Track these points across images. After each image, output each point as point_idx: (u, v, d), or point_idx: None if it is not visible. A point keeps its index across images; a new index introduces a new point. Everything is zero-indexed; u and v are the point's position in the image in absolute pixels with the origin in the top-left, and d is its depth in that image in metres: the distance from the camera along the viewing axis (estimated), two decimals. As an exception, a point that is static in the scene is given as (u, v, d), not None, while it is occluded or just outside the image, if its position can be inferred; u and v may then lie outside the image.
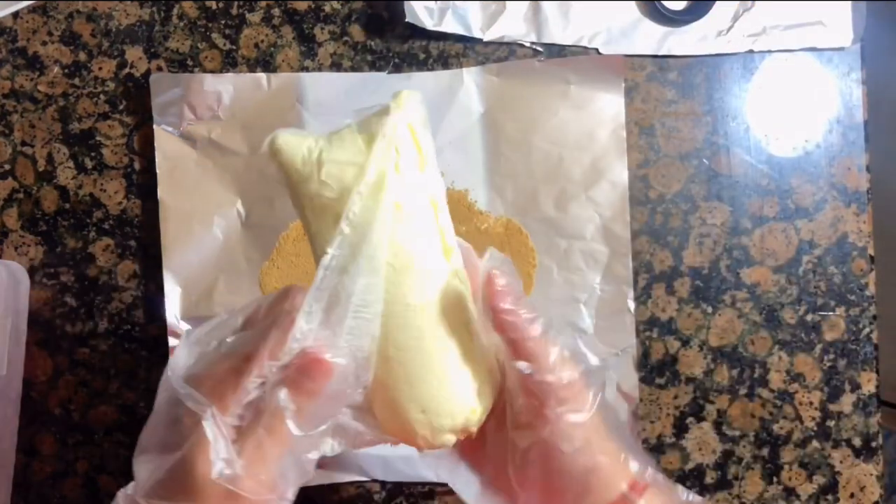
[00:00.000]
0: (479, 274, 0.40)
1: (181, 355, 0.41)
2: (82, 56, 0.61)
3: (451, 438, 0.41)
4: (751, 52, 0.61)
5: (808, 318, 0.62)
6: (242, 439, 0.38)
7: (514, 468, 0.42)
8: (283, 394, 0.38)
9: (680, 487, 0.42)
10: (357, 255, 0.38)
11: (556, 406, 0.39)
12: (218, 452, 0.37)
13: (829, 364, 0.62)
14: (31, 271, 0.60)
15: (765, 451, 0.62)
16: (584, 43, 0.61)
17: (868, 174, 0.62)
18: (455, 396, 0.40)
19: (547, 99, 0.61)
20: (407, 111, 0.39)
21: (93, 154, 0.61)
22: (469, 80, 0.61)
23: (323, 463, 0.59)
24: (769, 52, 0.62)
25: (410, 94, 0.39)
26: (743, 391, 0.61)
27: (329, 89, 0.60)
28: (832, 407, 0.62)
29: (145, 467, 0.39)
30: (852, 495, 0.62)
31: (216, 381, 0.39)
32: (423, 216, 0.40)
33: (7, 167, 0.61)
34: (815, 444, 0.62)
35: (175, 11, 0.61)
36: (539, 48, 0.61)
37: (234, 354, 0.39)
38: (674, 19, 0.61)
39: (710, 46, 0.61)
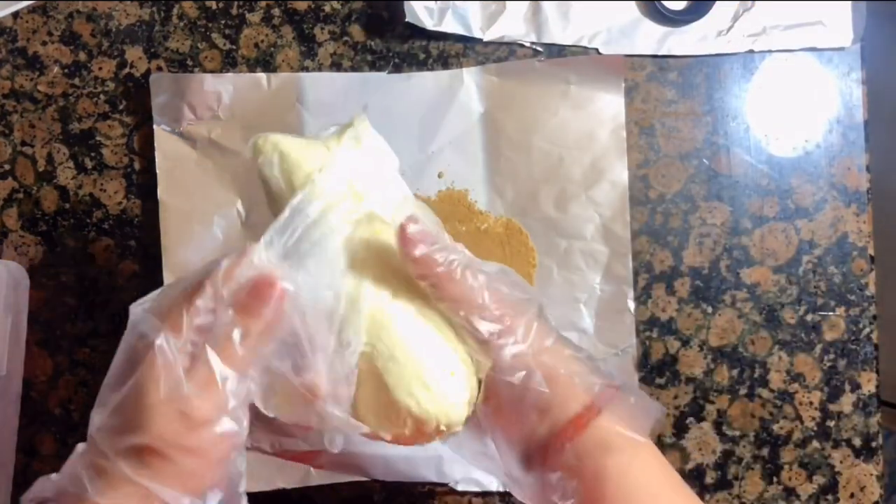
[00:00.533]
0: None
1: (146, 299, 0.41)
2: (82, 56, 0.61)
3: (466, 411, 0.42)
4: (751, 52, 0.61)
5: (808, 318, 0.62)
6: (194, 364, 0.38)
7: (481, 420, 0.42)
8: (230, 312, 0.39)
9: (650, 401, 0.43)
10: (327, 211, 0.40)
11: (494, 340, 0.40)
12: (169, 373, 0.38)
13: (829, 364, 0.62)
14: (31, 271, 0.60)
15: (765, 451, 0.62)
16: (584, 43, 0.61)
17: (868, 174, 0.62)
18: (464, 359, 0.41)
19: (547, 99, 0.61)
20: (365, 124, 0.44)
21: (93, 154, 0.61)
22: (469, 80, 0.61)
23: (323, 463, 0.59)
24: (769, 52, 0.62)
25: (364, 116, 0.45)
26: (743, 391, 0.61)
27: (329, 89, 0.60)
28: (832, 407, 0.62)
29: (99, 410, 0.39)
30: (852, 495, 0.62)
31: (170, 306, 0.39)
32: (393, 190, 0.44)
33: (7, 167, 0.61)
34: (815, 444, 0.62)
35: (175, 11, 0.61)
36: (539, 48, 0.61)
37: (188, 281, 0.40)
38: (674, 19, 0.61)
39: (710, 46, 0.61)
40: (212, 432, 0.39)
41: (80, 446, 0.39)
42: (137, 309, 0.40)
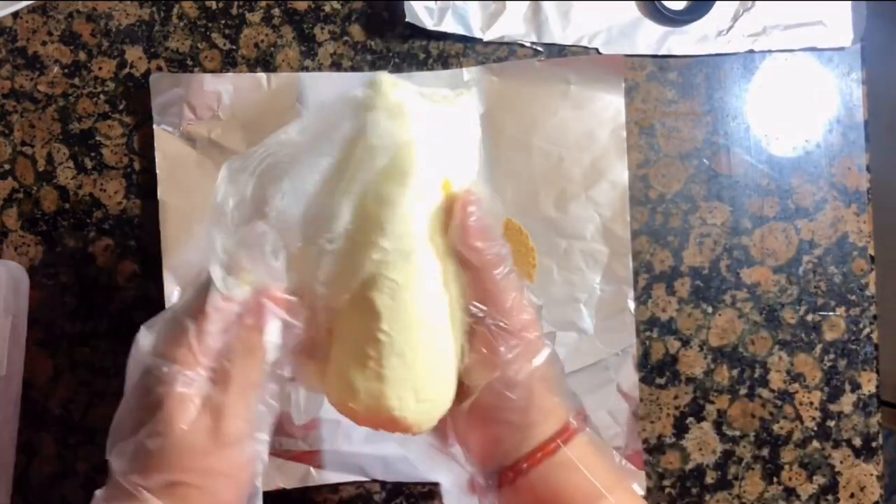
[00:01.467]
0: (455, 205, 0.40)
1: (144, 336, 0.40)
2: (82, 56, 0.61)
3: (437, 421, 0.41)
4: (751, 52, 0.61)
5: (808, 318, 0.62)
6: (215, 389, 0.38)
7: (453, 422, 0.42)
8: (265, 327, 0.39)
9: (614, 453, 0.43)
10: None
11: (506, 353, 0.39)
12: (191, 406, 0.37)
13: (829, 364, 0.62)
14: (31, 271, 0.60)
15: (765, 451, 0.62)
16: (584, 43, 0.61)
17: (868, 174, 0.62)
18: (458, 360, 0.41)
19: (547, 99, 0.61)
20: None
21: (93, 154, 0.61)
22: (469, 80, 0.61)
23: (323, 463, 0.59)
24: (769, 52, 0.62)
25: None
26: (743, 391, 0.61)
27: (329, 89, 0.60)
28: (832, 407, 0.62)
29: (120, 455, 0.39)
30: (852, 495, 0.62)
31: (177, 339, 0.39)
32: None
33: (7, 167, 0.61)
34: (815, 444, 0.62)
35: (175, 11, 0.61)
36: (539, 48, 0.61)
37: (185, 310, 0.40)
38: (674, 19, 0.61)
39: (710, 46, 0.61)
40: (241, 453, 0.39)
41: (99, 492, 0.39)
42: (145, 344, 0.40)
